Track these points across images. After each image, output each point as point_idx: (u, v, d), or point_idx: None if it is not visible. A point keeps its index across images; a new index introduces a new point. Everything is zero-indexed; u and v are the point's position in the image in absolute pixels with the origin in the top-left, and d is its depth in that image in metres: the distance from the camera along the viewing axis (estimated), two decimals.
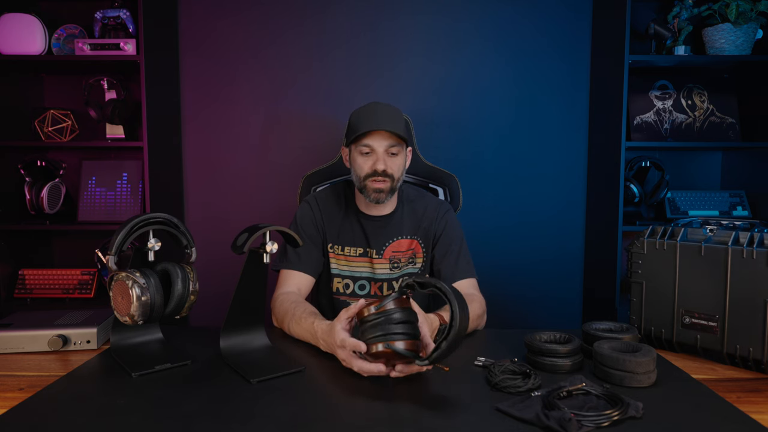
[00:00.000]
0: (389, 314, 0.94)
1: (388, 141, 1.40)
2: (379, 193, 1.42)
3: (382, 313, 0.94)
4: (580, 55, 2.46)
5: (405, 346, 0.92)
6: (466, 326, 0.90)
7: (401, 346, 0.92)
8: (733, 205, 2.37)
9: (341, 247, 1.52)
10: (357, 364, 0.98)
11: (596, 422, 0.80)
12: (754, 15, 2.14)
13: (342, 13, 2.43)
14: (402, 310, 0.95)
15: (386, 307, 0.94)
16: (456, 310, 0.88)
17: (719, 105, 2.44)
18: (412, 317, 0.96)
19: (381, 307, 0.94)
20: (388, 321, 0.93)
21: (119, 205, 2.37)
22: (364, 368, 0.97)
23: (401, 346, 0.92)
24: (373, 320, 0.95)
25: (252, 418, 0.85)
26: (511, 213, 2.51)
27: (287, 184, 2.44)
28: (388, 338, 0.93)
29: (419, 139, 1.91)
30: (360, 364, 0.98)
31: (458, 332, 0.88)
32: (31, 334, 1.18)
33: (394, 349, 0.91)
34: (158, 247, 1.09)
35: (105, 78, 2.32)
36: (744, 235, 1.09)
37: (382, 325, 0.93)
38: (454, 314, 0.88)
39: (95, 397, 0.94)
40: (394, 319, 0.94)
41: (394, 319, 0.94)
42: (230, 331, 1.12)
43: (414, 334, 0.95)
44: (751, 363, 1.07)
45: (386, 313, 0.94)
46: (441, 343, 0.89)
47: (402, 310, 0.95)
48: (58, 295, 2.29)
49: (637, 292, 1.24)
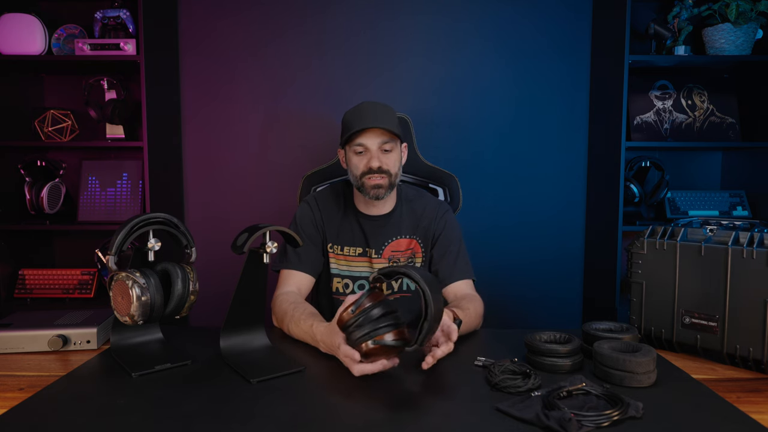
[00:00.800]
0: (368, 311, 0.95)
1: (381, 138, 1.40)
2: (378, 189, 1.42)
3: (361, 313, 0.95)
4: (580, 55, 2.46)
5: (393, 337, 0.94)
6: (441, 308, 0.94)
7: (390, 338, 0.94)
8: (733, 205, 2.37)
9: (340, 246, 1.52)
10: (358, 369, 0.98)
11: (596, 422, 0.80)
12: (754, 15, 2.14)
13: (342, 13, 2.43)
14: (378, 304, 0.96)
15: (363, 306, 0.95)
16: (427, 291, 0.90)
17: (719, 105, 2.44)
18: (392, 306, 0.98)
19: (358, 307, 0.95)
20: (368, 319, 0.95)
21: (119, 205, 2.37)
22: (366, 370, 0.98)
23: (390, 338, 0.94)
24: (354, 323, 0.96)
25: (252, 418, 0.85)
26: (511, 213, 2.51)
27: (287, 184, 2.44)
28: (374, 334, 0.94)
29: (419, 139, 1.91)
30: (360, 368, 0.98)
31: (435, 313, 0.91)
32: (31, 334, 1.18)
33: (383, 343, 0.93)
34: (158, 247, 1.09)
35: (105, 78, 2.32)
36: (744, 235, 1.09)
37: (364, 325, 0.95)
38: (426, 296, 0.90)
39: (95, 397, 0.94)
40: (373, 315, 0.95)
41: (374, 315, 0.95)
42: (230, 331, 1.12)
43: (397, 323, 0.96)
44: (751, 363, 1.07)
45: (365, 312, 0.95)
46: (423, 324, 0.92)
47: (379, 304, 0.96)
48: (58, 295, 2.29)
49: (637, 292, 1.24)
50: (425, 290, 0.90)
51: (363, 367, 0.97)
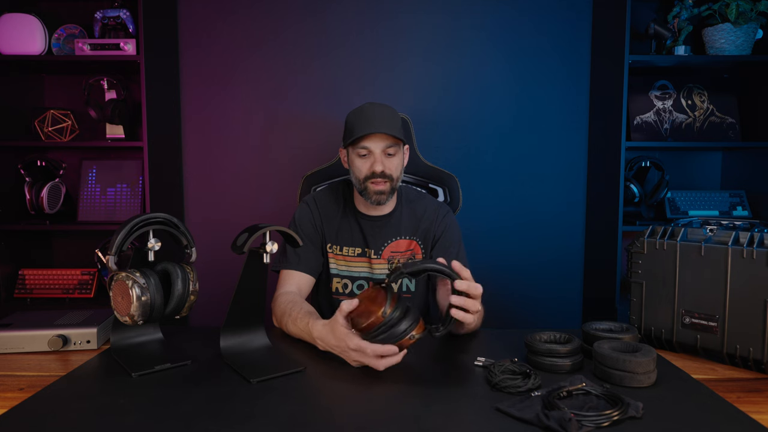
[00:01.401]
0: (392, 320, 0.97)
1: (385, 142, 1.40)
2: (380, 195, 1.42)
3: (386, 322, 0.97)
4: (580, 55, 2.46)
5: (417, 333, 0.99)
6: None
7: (417, 335, 0.99)
8: (733, 205, 2.37)
9: (340, 247, 1.52)
10: (374, 363, 1.00)
11: (596, 422, 0.80)
12: (754, 15, 2.14)
13: (342, 13, 2.43)
14: (397, 307, 0.99)
15: (386, 317, 0.97)
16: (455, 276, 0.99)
17: (719, 105, 2.44)
18: (403, 303, 1.01)
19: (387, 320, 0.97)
20: (392, 326, 0.97)
21: (119, 205, 2.37)
22: (381, 363, 1.00)
23: (417, 335, 0.99)
24: (381, 332, 0.98)
25: (252, 418, 0.85)
26: (510, 213, 2.51)
27: (287, 184, 2.44)
28: (403, 336, 0.97)
29: (419, 139, 1.91)
30: (376, 363, 1.00)
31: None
32: (31, 334, 1.18)
33: (415, 342, 0.99)
34: (158, 247, 1.09)
35: (105, 78, 2.32)
36: (744, 235, 1.09)
37: (391, 332, 0.97)
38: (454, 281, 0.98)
39: (95, 397, 0.94)
40: (395, 319, 0.98)
41: (396, 318, 0.98)
42: (230, 331, 1.12)
43: (415, 316, 1.00)
44: (751, 363, 1.07)
45: (390, 321, 0.97)
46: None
47: (397, 308, 0.99)
48: (58, 295, 2.29)
49: (637, 292, 1.24)
50: (453, 276, 0.98)
51: (379, 361, 1.00)
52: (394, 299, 0.99)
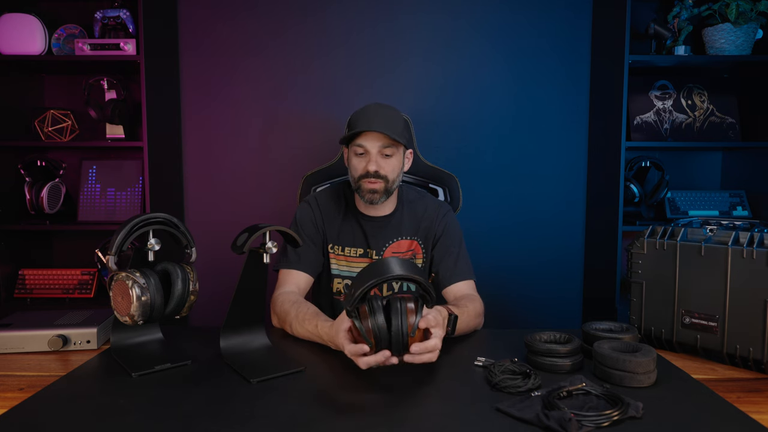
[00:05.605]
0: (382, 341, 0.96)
1: (381, 142, 1.39)
2: (372, 194, 1.41)
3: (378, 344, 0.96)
4: (580, 55, 2.46)
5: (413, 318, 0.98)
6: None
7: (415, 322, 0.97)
8: (733, 205, 2.37)
9: (341, 247, 1.52)
10: (364, 361, 0.98)
11: (596, 422, 0.80)
12: (754, 15, 2.14)
13: (342, 13, 2.43)
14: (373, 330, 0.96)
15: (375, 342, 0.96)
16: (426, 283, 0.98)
17: (719, 105, 2.44)
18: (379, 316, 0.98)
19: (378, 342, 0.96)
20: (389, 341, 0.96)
21: (119, 205, 2.37)
22: (371, 361, 0.97)
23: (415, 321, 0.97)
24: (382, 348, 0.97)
25: (251, 419, 0.85)
26: (511, 213, 2.51)
27: (287, 184, 2.44)
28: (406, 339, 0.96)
29: (419, 139, 1.91)
30: (366, 360, 0.98)
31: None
32: (31, 334, 1.18)
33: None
34: (158, 247, 1.09)
35: (105, 78, 2.31)
36: (744, 235, 1.09)
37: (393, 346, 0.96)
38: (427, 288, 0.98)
39: (95, 397, 0.94)
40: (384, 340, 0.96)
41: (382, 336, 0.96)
42: (230, 331, 1.12)
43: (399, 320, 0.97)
44: (751, 363, 1.07)
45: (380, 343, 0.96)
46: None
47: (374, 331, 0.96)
48: (58, 295, 2.29)
49: (637, 292, 1.24)
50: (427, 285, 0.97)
51: (369, 358, 0.98)
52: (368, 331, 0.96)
